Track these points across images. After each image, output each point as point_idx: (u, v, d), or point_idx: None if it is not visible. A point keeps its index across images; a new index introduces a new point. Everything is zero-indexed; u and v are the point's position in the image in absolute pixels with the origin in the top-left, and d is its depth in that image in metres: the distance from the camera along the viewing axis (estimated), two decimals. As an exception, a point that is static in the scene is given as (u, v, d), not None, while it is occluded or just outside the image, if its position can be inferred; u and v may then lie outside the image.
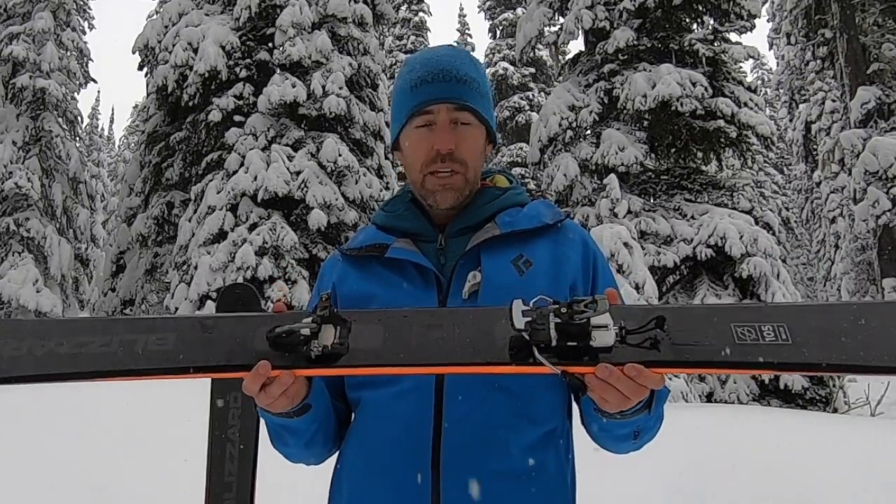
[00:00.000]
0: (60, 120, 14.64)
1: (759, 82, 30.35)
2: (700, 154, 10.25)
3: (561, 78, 11.80)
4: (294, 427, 1.04)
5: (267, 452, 1.17)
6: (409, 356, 0.91)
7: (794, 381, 7.62)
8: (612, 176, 8.46)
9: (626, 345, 0.85)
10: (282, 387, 0.92)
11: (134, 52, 13.91)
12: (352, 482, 1.09)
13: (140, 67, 14.18)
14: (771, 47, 26.33)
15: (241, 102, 12.57)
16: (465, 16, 40.99)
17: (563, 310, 0.84)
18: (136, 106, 35.55)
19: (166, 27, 13.41)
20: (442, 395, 1.03)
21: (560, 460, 1.09)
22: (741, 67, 10.50)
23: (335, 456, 1.17)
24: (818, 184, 21.05)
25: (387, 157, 13.70)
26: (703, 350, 0.85)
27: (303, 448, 1.09)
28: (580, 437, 1.16)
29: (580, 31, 10.59)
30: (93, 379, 0.93)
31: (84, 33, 15.98)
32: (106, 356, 0.92)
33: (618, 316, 0.86)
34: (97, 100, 48.95)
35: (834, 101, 18.98)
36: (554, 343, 0.84)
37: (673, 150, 10.29)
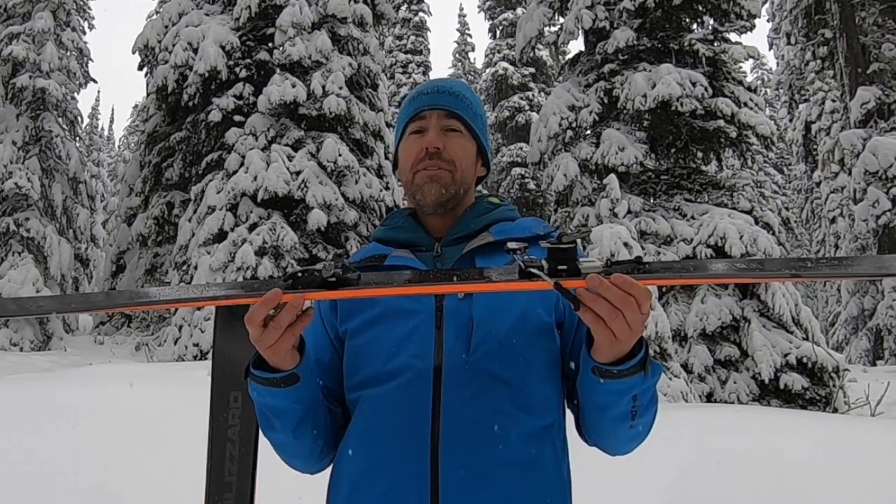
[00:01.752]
0: (60, 120, 14.64)
1: (759, 82, 30.32)
2: (700, 154, 10.25)
3: (561, 78, 11.81)
4: (281, 406, 1.05)
5: (267, 452, 1.17)
6: (414, 283, 1.01)
7: (794, 381, 7.62)
8: (612, 176, 8.45)
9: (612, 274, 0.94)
10: (291, 312, 0.95)
11: (134, 52, 13.91)
12: (351, 475, 1.11)
13: (140, 67, 14.19)
14: (771, 47, 26.33)
15: (241, 102, 12.58)
16: (465, 16, 41.01)
17: (553, 239, 0.92)
18: (136, 106, 35.56)
19: (166, 27, 13.42)
20: (440, 386, 1.06)
21: (557, 455, 1.12)
22: (741, 67, 10.51)
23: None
24: (818, 184, 21.06)
25: (387, 157, 13.70)
26: (684, 269, 0.96)
27: (290, 435, 1.09)
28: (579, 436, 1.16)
29: (580, 31, 10.60)
30: (114, 308, 1.09)
31: (84, 33, 15.97)
32: (131, 298, 1.05)
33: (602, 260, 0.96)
34: (97, 100, 49.05)
35: (834, 101, 18.98)
36: (545, 269, 0.91)
37: (673, 150, 10.29)
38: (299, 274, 0.96)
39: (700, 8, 10.25)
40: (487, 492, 1.03)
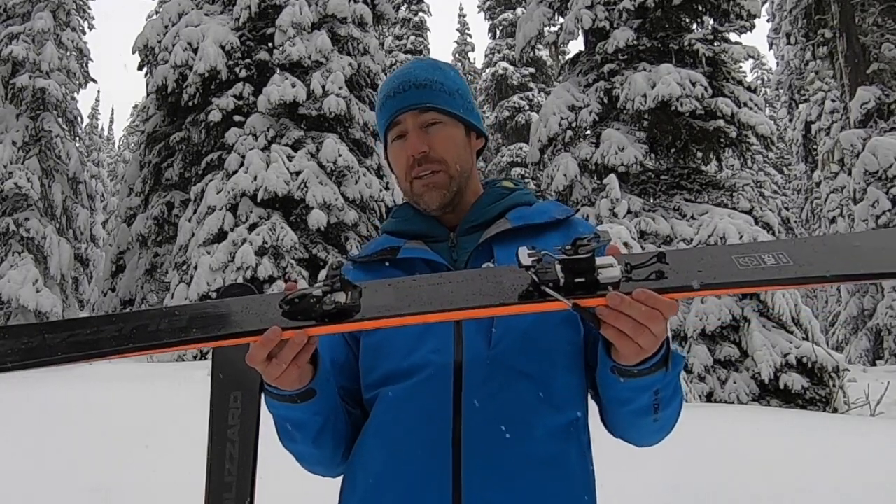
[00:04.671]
0: (60, 120, 14.64)
1: (759, 82, 30.33)
2: (700, 154, 10.25)
3: (561, 78, 11.81)
4: (299, 419, 1.03)
5: (267, 453, 1.17)
6: (421, 306, 0.91)
7: (794, 381, 7.61)
8: (612, 176, 8.46)
9: (632, 280, 0.85)
10: (294, 349, 0.91)
11: (134, 52, 13.90)
12: (368, 474, 1.07)
13: (140, 67, 14.18)
14: (771, 47, 26.32)
15: (240, 102, 12.57)
16: (465, 16, 41.00)
17: (568, 247, 0.85)
18: (136, 106, 35.53)
19: (166, 27, 13.41)
20: (461, 382, 1.03)
21: (582, 451, 1.09)
22: (741, 67, 10.51)
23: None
24: (818, 184, 21.04)
25: (386, 157, 13.69)
26: (709, 275, 0.86)
27: (311, 445, 1.07)
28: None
29: (580, 31, 10.60)
30: (104, 357, 0.94)
31: (84, 33, 15.97)
32: (119, 338, 0.93)
33: (621, 260, 0.88)
34: (97, 100, 48.87)
35: (834, 101, 18.98)
36: (562, 282, 0.84)
37: (673, 150, 10.29)
38: (296, 300, 0.90)
39: (700, 8, 10.25)
40: (512, 491, 1.00)
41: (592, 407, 1.14)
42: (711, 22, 10.47)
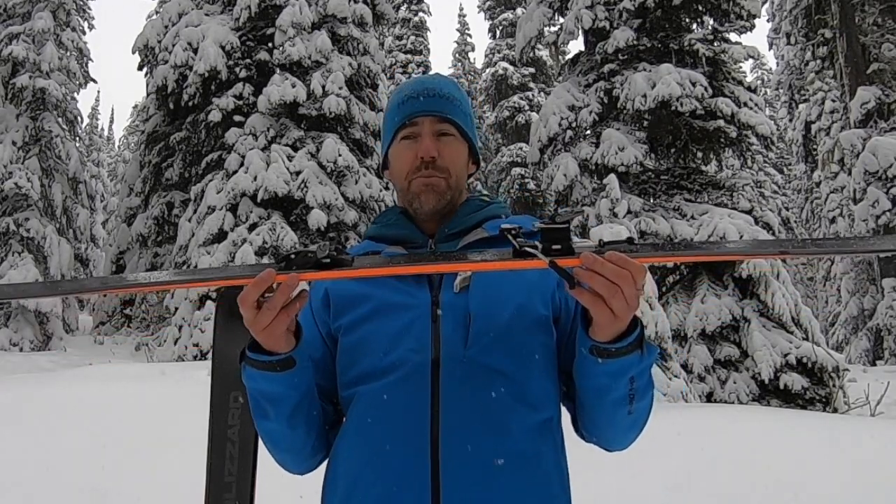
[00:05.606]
0: (60, 120, 14.63)
1: (759, 82, 30.35)
2: (700, 154, 10.26)
3: (561, 78, 11.81)
4: (276, 392, 1.04)
5: (267, 453, 1.17)
6: (408, 263, 1.01)
7: (794, 381, 7.62)
8: (612, 176, 8.46)
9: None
10: (285, 293, 0.94)
11: (134, 52, 13.91)
12: (348, 473, 1.09)
13: (140, 67, 14.19)
14: (771, 47, 26.33)
15: (241, 102, 12.58)
16: (465, 16, 41.01)
17: (546, 219, 0.94)
18: (136, 106, 35.54)
19: (166, 27, 13.42)
20: (438, 380, 1.05)
21: (557, 450, 1.11)
22: (741, 67, 10.52)
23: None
24: (818, 184, 21.06)
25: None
26: (675, 248, 1.00)
27: (284, 423, 1.07)
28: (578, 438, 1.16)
29: (580, 31, 10.60)
30: (94, 292, 1.12)
31: (84, 33, 15.97)
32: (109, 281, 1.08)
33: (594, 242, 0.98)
34: (97, 100, 49.14)
35: (834, 101, 18.99)
36: (539, 248, 0.92)
37: (673, 150, 10.29)
38: (292, 255, 0.95)
39: (700, 8, 10.26)
40: (490, 488, 1.02)
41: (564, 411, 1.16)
42: (711, 22, 10.47)
